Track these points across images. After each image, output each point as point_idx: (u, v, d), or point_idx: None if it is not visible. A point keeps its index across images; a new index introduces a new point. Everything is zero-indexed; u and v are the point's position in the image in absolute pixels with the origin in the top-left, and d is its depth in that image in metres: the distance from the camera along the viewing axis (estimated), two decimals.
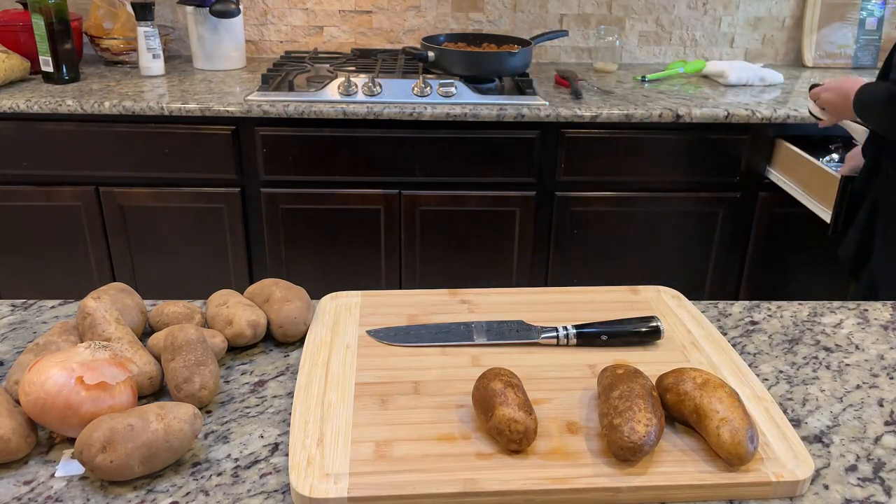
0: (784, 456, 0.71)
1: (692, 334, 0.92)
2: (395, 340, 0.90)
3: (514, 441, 0.70)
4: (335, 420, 0.75)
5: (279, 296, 0.92)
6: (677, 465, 0.70)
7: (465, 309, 0.97)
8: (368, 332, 0.92)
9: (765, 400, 0.80)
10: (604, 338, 0.89)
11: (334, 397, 0.79)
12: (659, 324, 0.90)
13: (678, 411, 0.74)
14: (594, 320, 0.93)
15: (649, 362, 0.87)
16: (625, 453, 0.69)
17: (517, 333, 0.91)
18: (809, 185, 1.90)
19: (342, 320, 0.94)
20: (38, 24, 2.07)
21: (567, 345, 0.90)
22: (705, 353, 0.88)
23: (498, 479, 0.68)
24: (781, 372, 0.89)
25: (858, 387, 0.86)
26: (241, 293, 0.95)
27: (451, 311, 0.97)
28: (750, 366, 0.89)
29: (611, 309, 0.98)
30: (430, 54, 2.13)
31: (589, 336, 0.90)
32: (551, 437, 0.74)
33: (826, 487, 0.71)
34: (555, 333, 0.90)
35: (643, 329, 0.90)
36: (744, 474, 0.69)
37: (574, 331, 0.90)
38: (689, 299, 1.02)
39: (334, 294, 1.00)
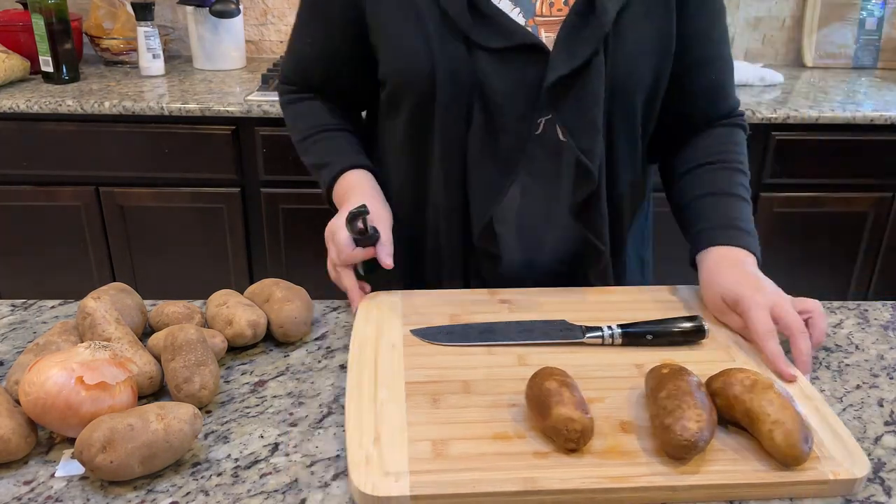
0: (839, 454, 0.71)
1: (735, 333, 0.91)
2: (440, 340, 0.89)
3: (572, 440, 0.70)
4: (390, 419, 0.74)
5: (279, 296, 0.91)
6: (732, 463, 0.70)
7: (506, 308, 0.97)
8: (412, 332, 0.91)
9: (814, 398, 0.79)
10: (649, 337, 0.88)
11: (386, 396, 0.78)
12: (704, 323, 0.89)
13: (729, 415, 0.74)
14: (635, 320, 0.92)
15: (695, 361, 0.85)
16: (679, 451, 0.68)
17: (561, 333, 0.90)
18: None
19: (385, 319, 0.93)
20: (38, 24, 2.07)
21: (612, 344, 0.89)
22: (749, 351, 0.88)
23: (557, 477, 0.67)
24: None
25: (858, 387, 0.86)
26: (241, 293, 0.95)
27: (493, 311, 0.96)
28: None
29: (651, 308, 0.97)
30: None
31: (634, 336, 0.89)
32: (605, 436, 0.73)
33: None
34: (600, 333, 0.89)
35: (688, 328, 0.89)
36: (801, 472, 0.68)
37: (619, 330, 0.89)
38: None
39: (373, 294, 0.99)
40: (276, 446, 0.74)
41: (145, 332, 0.92)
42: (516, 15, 0.94)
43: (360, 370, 0.82)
